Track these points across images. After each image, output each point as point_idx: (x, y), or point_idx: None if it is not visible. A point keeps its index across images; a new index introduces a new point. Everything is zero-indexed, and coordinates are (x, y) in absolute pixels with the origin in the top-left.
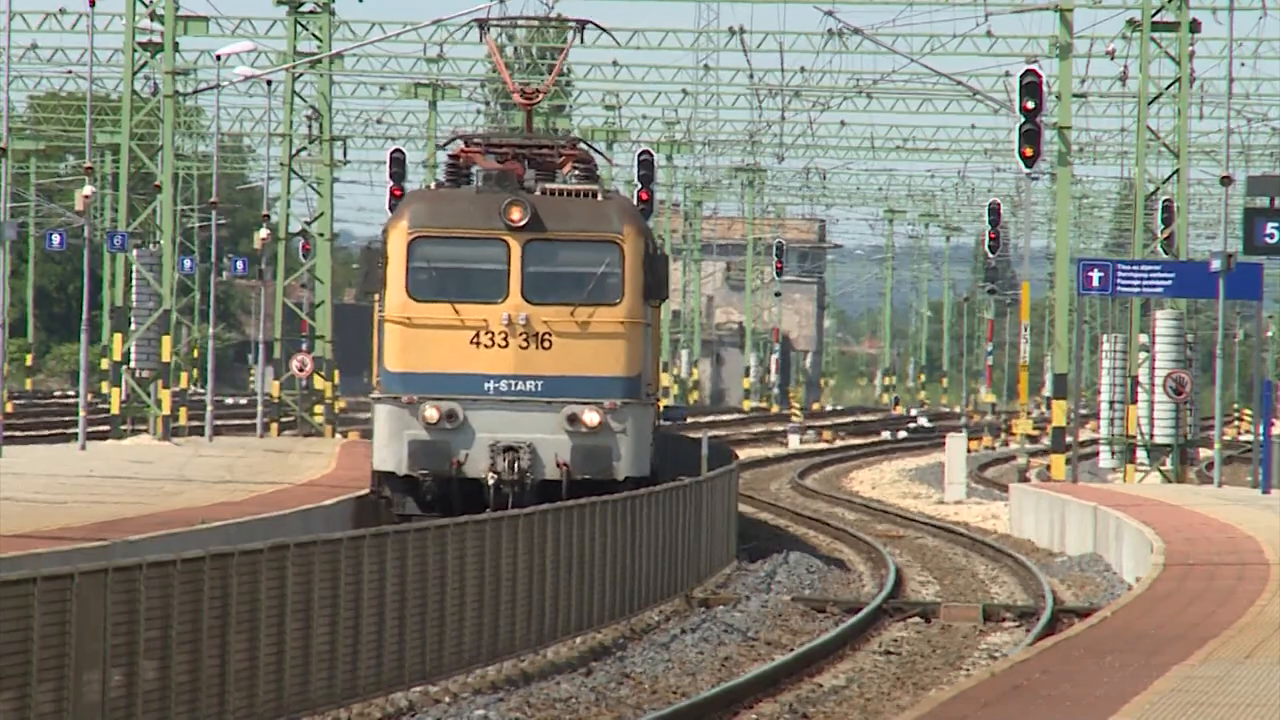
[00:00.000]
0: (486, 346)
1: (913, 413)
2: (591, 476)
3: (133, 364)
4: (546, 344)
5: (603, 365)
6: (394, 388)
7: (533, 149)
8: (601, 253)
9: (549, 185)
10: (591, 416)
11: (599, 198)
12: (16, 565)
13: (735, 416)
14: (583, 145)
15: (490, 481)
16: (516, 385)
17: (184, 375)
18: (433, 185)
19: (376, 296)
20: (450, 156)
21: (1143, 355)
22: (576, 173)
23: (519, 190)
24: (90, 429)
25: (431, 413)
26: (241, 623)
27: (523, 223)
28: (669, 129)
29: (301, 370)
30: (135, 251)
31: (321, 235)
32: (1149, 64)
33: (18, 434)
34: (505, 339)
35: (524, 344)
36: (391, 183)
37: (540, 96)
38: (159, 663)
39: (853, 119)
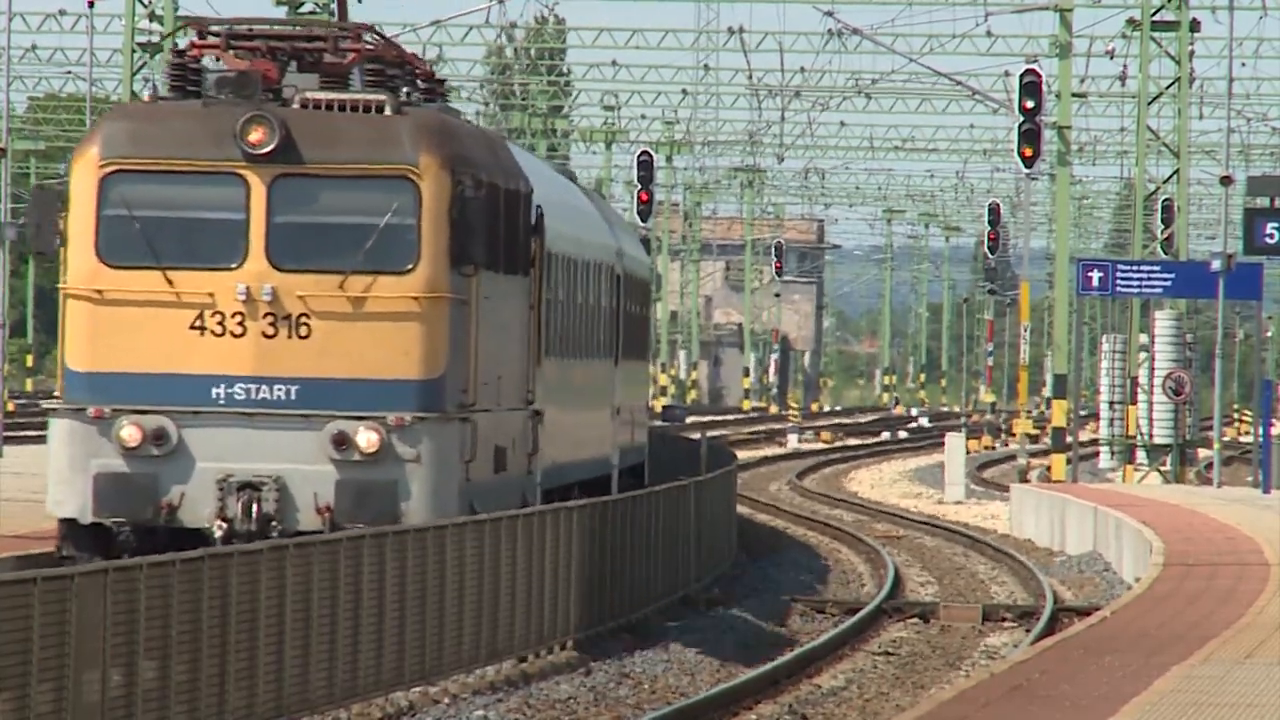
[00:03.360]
0: (215, 334)
1: (913, 413)
2: (368, 523)
3: None
4: (303, 330)
5: (387, 363)
6: (77, 394)
7: (299, 41)
8: (387, 194)
9: (311, 94)
10: (368, 438)
11: (388, 111)
12: None
13: (735, 417)
14: (379, 35)
15: (217, 534)
16: (258, 392)
17: None
18: (147, 97)
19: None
20: (175, 54)
21: (1142, 355)
22: (369, 77)
23: (264, 102)
24: None
25: (131, 432)
26: (241, 623)
27: (268, 149)
28: (669, 129)
29: None
30: None
31: None
32: (1149, 64)
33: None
34: (242, 323)
35: (269, 330)
36: None
37: None
38: (159, 663)
39: (852, 119)
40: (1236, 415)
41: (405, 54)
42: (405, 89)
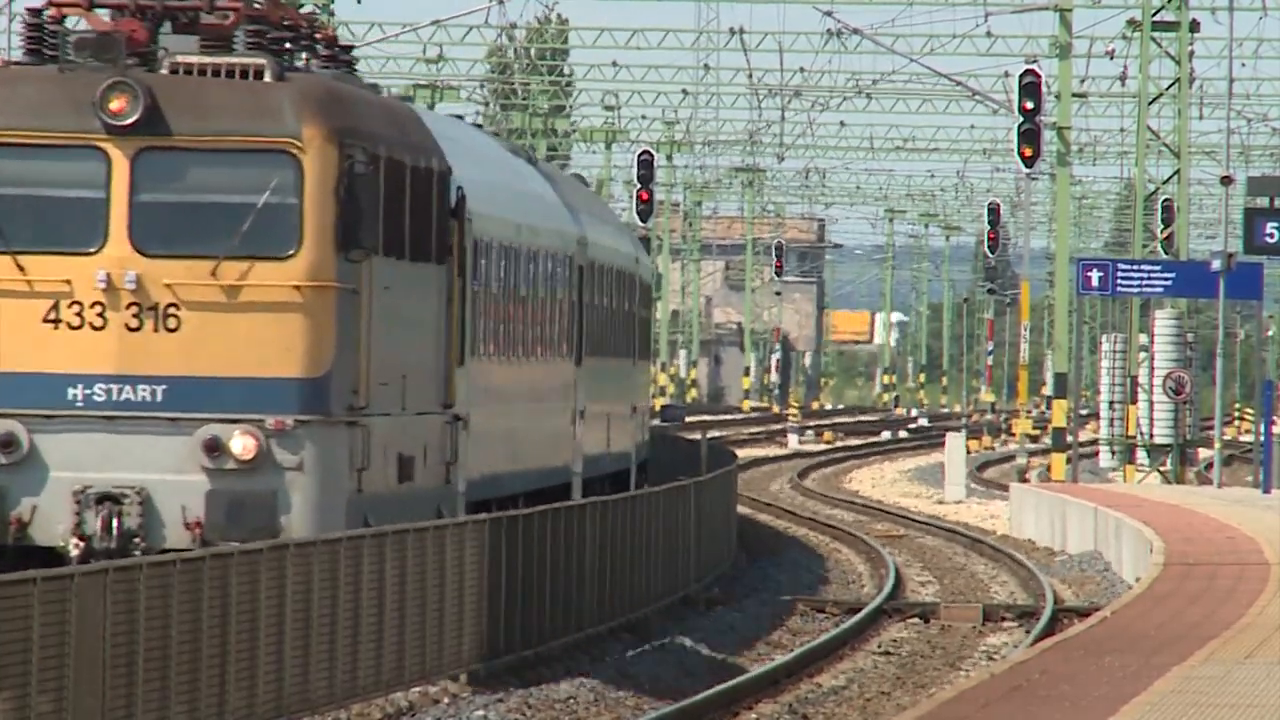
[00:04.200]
0: (71, 327)
1: (913, 413)
2: (242, 539)
3: None
4: (171, 323)
5: (266, 359)
6: None
7: None
8: (265, 170)
9: (182, 58)
10: (243, 444)
11: (268, 76)
12: None
13: (735, 416)
14: None
15: (73, 553)
16: (120, 392)
17: None
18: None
19: None
20: (31, 13)
21: (1142, 355)
22: (251, 40)
23: (129, 67)
24: None
25: None
26: (242, 623)
27: (131, 120)
28: (669, 129)
29: None
30: None
31: None
32: (1149, 64)
33: None
34: (102, 315)
35: (133, 323)
36: None
37: None
38: (159, 663)
39: (852, 119)
40: (1237, 415)
41: (299, 15)
42: (304, 55)
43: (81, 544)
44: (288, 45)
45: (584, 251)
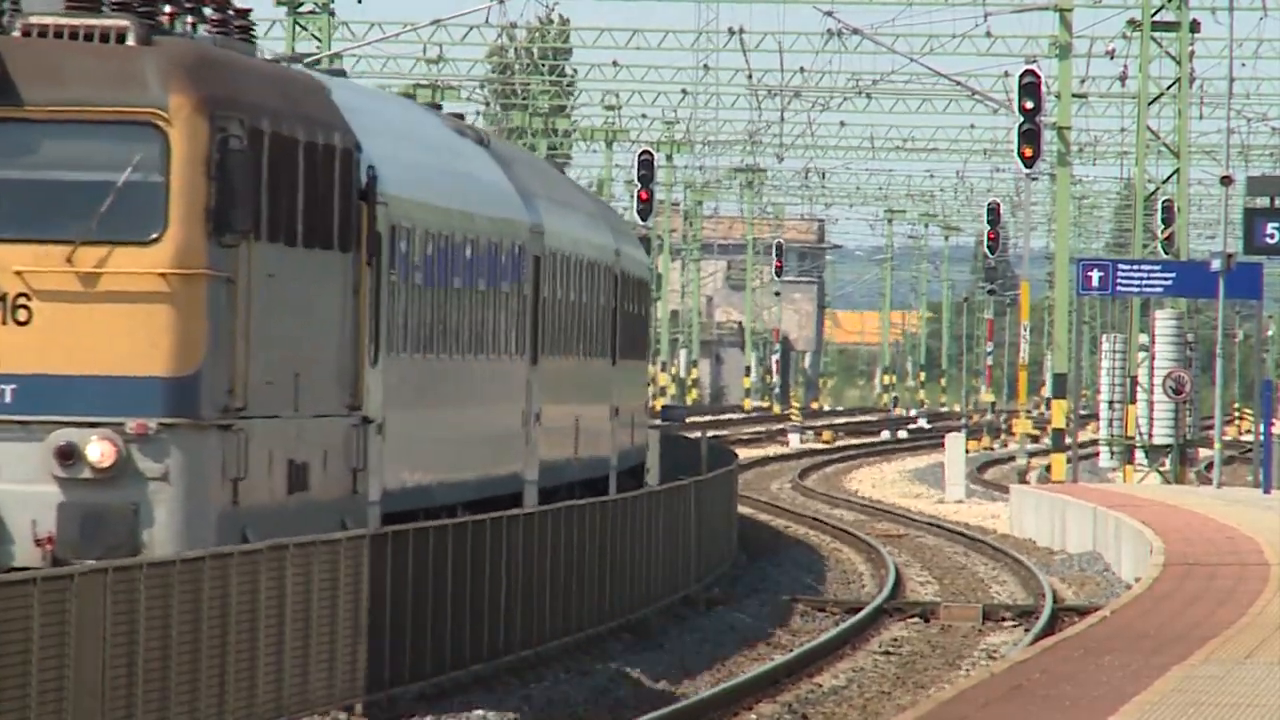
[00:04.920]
0: None
1: (913, 413)
2: (99, 556)
3: None
4: (21, 315)
5: (127, 356)
6: None
7: None
8: (127, 144)
9: (36, 19)
10: (100, 450)
11: (131, 40)
12: None
13: (736, 416)
14: None
15: None
16: None
17: None
18: None
19: None
20: None
21: (1142, 355)
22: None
23: None
24: None
25: None
26: (242, 623)
27: None
28: (669, 129)
29: None
30: None
31: None
32: (1149, 64)
33: None
34: None
35: None
36: None
37: None
38: (159, 663)
39: (852, 119)
40: (1237, 415)
41: None
42: (189, 18)
43: None
44: (168, 9)
45: (540, 241)
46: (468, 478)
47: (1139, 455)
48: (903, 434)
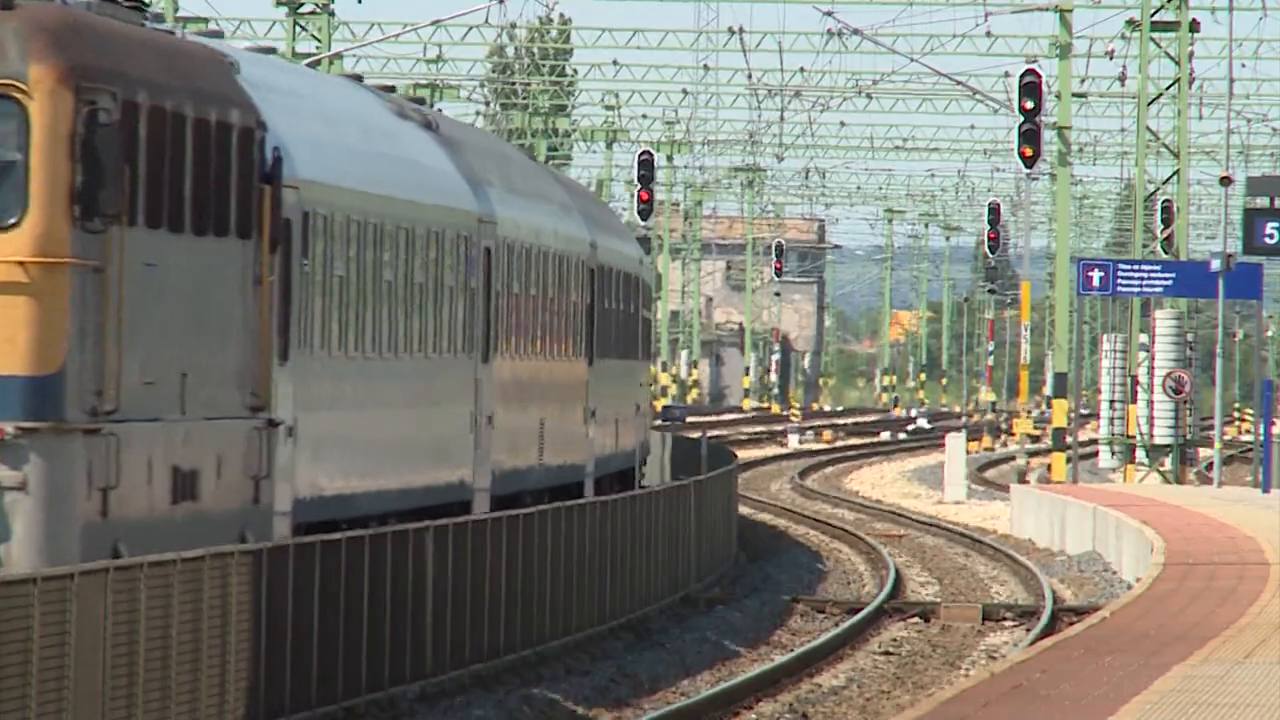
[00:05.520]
0: None
1: (913, 414)
2: None
3: None
4: None
5: None
6: None
7: None
8: None
9: None
10: None
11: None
12: None
13: (736, 416)
14: None
15: None
16: None
17: None
18: None
19: None
20: None
21: (1142, 355)
22: None
23: None
24: None
25: None
26: (241, 623)
27: None
28: (669, 129)
29: None
30: None
31: None
32: (1149, 64)
33: None
34: None
35: None
36: None
37: None
38: (159, 663)
39: (852, 119)
40: (1237, 415)
41: None
42: None
43: None
44: None
45: (491, 231)
46: (401, 485)
47: (1140, 454)
48: (903, 434)
